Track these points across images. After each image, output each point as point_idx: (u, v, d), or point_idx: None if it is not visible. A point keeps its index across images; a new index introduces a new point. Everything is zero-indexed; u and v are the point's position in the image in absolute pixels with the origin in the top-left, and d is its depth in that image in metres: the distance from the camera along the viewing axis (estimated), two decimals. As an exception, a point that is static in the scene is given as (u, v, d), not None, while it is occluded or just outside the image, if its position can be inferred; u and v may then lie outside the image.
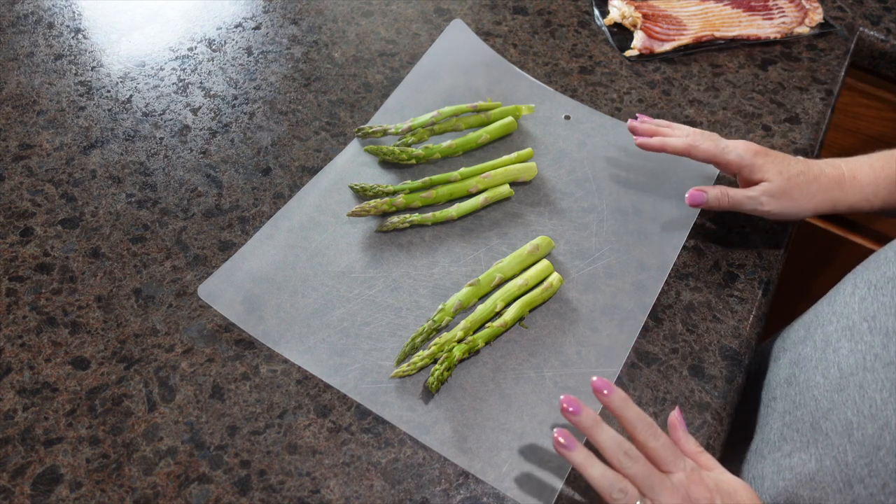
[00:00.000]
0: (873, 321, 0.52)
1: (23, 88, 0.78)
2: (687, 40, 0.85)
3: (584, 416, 0.51)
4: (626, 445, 0.50)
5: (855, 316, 0.55)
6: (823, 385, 0.54)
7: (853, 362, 0.52)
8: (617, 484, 0.49)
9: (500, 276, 0.63)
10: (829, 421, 0.52)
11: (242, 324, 0.61)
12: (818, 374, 0.56)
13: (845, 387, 0.52)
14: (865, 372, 0.51)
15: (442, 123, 0.74)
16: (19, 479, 0.52)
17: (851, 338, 0.54)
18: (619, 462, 0.49)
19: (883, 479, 0.47)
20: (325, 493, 0.53)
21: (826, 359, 0.56)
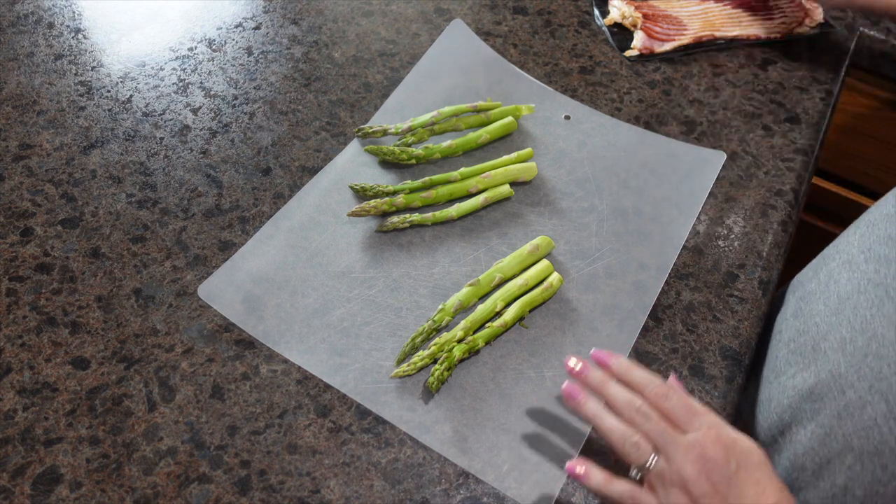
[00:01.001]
0: (869, 252, 0.57)
1: (23, 88, 0.78)
2: (687, 40, 0.85)
3: (592, 374, 0.51)
4: (637, 402, 0.50)
5: (854, 250, 0.59)
6: (824, 312, 0.59)
7: (850, 289, 0.57)
8: (630, 437, 0.49)
9: (500, 276, 0.63)
10: (826, 341, 0.57)
11: (242, 324, 0.61)
12: (820, 304, 0.60)
13: (842, 310, 0.57)
14: (859, 295, 0.56)
15: (442, 123, 0.74)
16: (19, 479, 0.52)
17: (850, 269, 0.58)
18: (633, 419, 0.49)
19: (869, 382, 0.51)
20: (325, 493, 0.53)
21: (828, 290, 0.60)
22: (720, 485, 0.47)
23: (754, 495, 0.47)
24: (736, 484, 0.47)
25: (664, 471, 0.48)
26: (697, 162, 0.74)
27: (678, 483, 0.47)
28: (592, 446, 0.55)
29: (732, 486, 0.47)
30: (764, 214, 0.70)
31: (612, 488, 0.50)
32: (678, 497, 0.47)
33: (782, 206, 0.71)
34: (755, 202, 0.71)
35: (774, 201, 0.72)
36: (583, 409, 0.51)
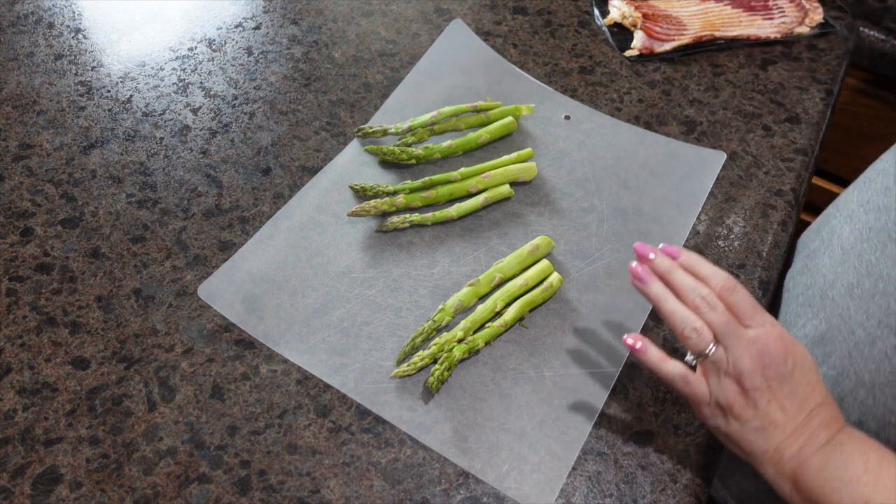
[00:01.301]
0: (868, 204, 0.60)
1: (23, 88, 0.78)
2: (687, 40, 0.85)
3: (660, 260, 0.52)
4: (704, 291, 0.50)
5: (853, 205, 0.63)
6: (829, 264, 0.63)
7: (852, 240, 0.61)
8: (692, 322, 0.50)
9: (500, 276, 0.63)
10: (834, 289, 0.60)
11: (242, 324, 0.61)
12: (825, 258, 0.64)
13: (847, 259, 0.60)
14: (862, 243, 0.59)
15: (442, 123, 0.74)
16: (19, 479, 0.52)
17: (851, 222, 0.62)
18: (697, 306, 0.50)
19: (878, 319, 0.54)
20: (325, 493, 0.53)
21: (832, 244, 0.64)
22: (774, 381, 0.48)
23: (804, 394, 0.49)
24: (789, 382, 0.48)
25: (721, 360, 0.49)
26: (697, 162, 0.74)
27: (733, 374, 0.49)
28: (593, 446, 0.56)
29: (785, 384, 0.48)
30: (764, 214, 0.70)
31: (665, 367, 0.51)
32: (730, 387, 0.49)
33: (782, 206, 0.71)
34: (755, 202, 0.71)
35: (774, 201, 0.72)
36: (647, 290, 0.52)
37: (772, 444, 0.49)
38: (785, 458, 0.49)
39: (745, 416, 0.49)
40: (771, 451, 0.49)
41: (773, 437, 0.49)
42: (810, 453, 0.48)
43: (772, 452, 0.49)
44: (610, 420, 0.57)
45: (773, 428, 0.49)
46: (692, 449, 0.56)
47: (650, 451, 0.55)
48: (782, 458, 0.49)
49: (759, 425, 0.49)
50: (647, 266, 0.52)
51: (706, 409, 0.51)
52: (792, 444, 0.49)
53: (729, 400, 0.49)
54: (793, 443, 0.49)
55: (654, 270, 0.52)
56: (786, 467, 0.49)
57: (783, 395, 0.49)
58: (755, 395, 0.48)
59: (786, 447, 0.49)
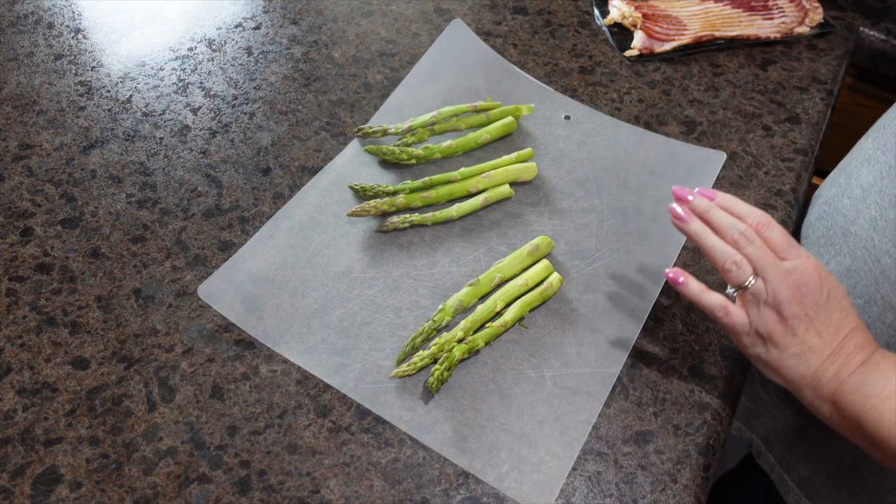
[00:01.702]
0: (885, 147, 0.62)
1: (23, 88, 0.78)
2: (687, 40, 0.85)
3: (698, 200, 0.55)
4: (742, 227, 0.53)
5: (869, 150, 0.64)
6: (849, 204, 0.64)
7: (872, 179, 0.62)
8: (731, 255, 0.52)
9: (500, 276, 0.63)
10: (856, 224, 0.62)
11: (242, 324, 0.61)
12: (844, 199, 0.65)
13: (867, 196, 0.62)
14: (883, 180, 0.60)
15: (442, 123, 0.74)
16: (19, 479, 0.52)
17: (868, 165, 0.63)
18: (736, 241, 0.53)
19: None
20: (325, 493, 0.53)
21: (850, 187, 0.65)
22: (811, 308, 0.51)
23: (838, 321, 0.52)
24: (825, 309, 0.51)
25: (760, 291, 0.52)
26: (697, 162, 0.74)
27: (772, 303, 0.51)
28: (593, 446, 0.56)
29: (821, 311, 0.51)
30: (764, 214, 0.70)
31: (706, 298, 0.54)
32: (770, 316, 0.52)
33: (782, 206, 0.71)
34: (755, 202, 0.71)
35: (774, 201, 0.72)
36: (687, 228, 0.54)
37: (810, 369, 0.52)
38: (823, 381, 0.51)
39: (785, 343, 0.52)
40: (809, 375, 0.52)
41: (811, 362, 0.52)
42: (847, 374, 0.51)
43: (810, 377, 0.52)
44: (610, 420, 0.57)
45: (811, 353, 0.51)
46: (692, 449, 0.56)
47: (650, 451, 0.55)
48: (820, 381, 0.52)
49: (798, 351, 0.52)
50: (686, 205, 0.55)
51: (746, 338, 0.53)
52: (829, 368, 0.51)
53: (769, 328, 0.52)
54: (830, 366, 0.51)
55: (693, 210, 0.55)
56: (824, 390, 0.51)
57: (819, 321, 0.51)
58: (794, 322, 0.51)
59: (823, 371, 0.51)
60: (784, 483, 0.73)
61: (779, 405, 0.71)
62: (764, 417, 0.74)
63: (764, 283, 0.52)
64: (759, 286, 0.52)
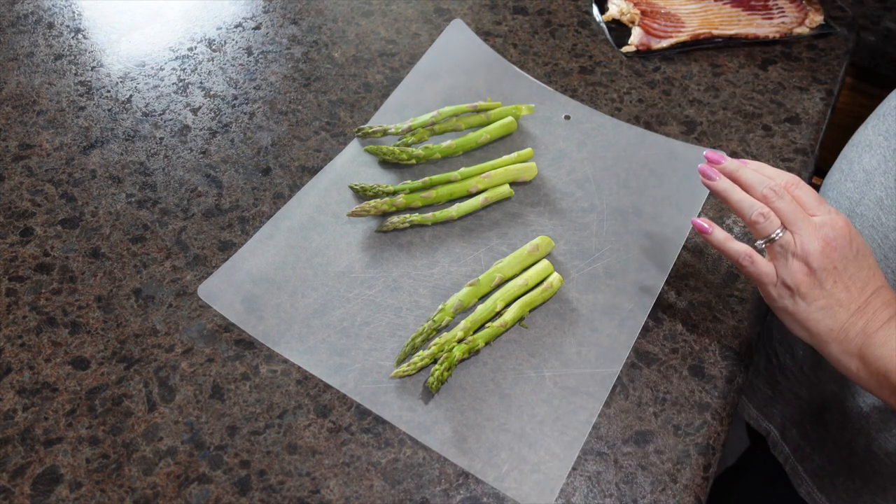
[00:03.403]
0: (887, 133, 0.63)
1: (23, 88, 0.78)
2: (685, 37, 0.85)
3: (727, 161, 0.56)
4: (772, 182, 0.54)
5: (870, 137, 0.65)
6: (853, 187, 0.65)
7: (875, 163, 0.63)
8: (758, 207, 0.54)
9: (500, 276, 0.63)
10: (861, 205, 0.63)
11: (242, 324, 0.61)
12: (847, 183, 0.66)
13: (871, 179, 0.63)
14: (887, 163, 0.61)
15: (442, 123, 0.74)
16: (19, 479, 0.52)
17: (870, 150, 0.64)
18: (765, 196, 0.54)
19: None
20: (325, 493, 0.53)
21: (852, 171, 0.66)
22: (839, 262, 0.52)
23: (866, 277, 0.52)
24: (853, 264, 0.52)
25: (789, 242, 0.53)
26: (697, 162, 0.74)
27: (801, 255, 0.52)
28: (593, 446, 0.56)
29: (849, 266, 0.52)
30: (764, 214, 0.70)
31: (731, 245, 0.55)
32: (798, 267, 0.52)
33: (782, 206, 0.71)
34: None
35: (774, 201, 0.72)
36: (715, 185, 0.56)
37: (837, 323, 0.52)
38: (850, 335, 0.52)
39: (812, 296, 0.52)
40: (837, 329, 0.52)
41: (839, 316, 0.52)
42: (875, 329, 0.51)
43: (837, 330, 0.52)
44: (610, 420, 0.57)
45: (839, 307, 0.52)
46: (692, 449, 0.56)
47: (650, 451, 0.55)
48: (847, 335, 0.52)
49: (825, 304, 0.52)
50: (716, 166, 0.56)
51: (773, 289, 0.54)
52: (856, 323, 0.52)
53: (796, 280, 0.52)
54: (857, 321, 0.52)
55: (723, 171, 0.56)
56: (851, 344, 0.52)
57: (847, 276, 0.52)
58: (822, 274, 0.52)
59: (850, 325, 0.52)
60: (797, 474, 0.73)
61: (796, 389, 0.72)
62: (781, 404, 0.75)
63: (793, 235, 0.52)
64: (787, 238, 0.53)
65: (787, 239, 0.53)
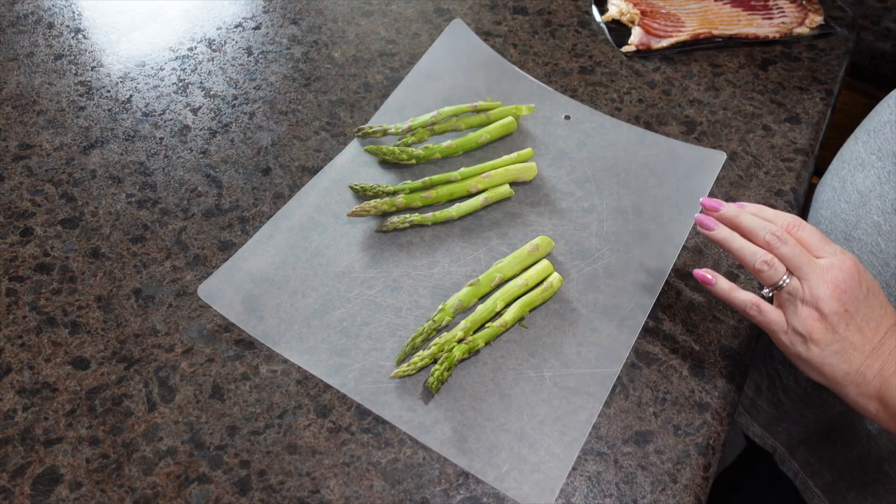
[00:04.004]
0: (880, 152, 0.62)
1: (23, 88, 0.78)
2: (684, 37, 0.85)
3: (726, 208, 0.55)
4: (773, 227, 0.53)
5: (862, 155, 0.64)
6: (847, 209, 0.64)
7: (869, 184, 0.62)
8: (761, 255, 0.53)
9: (500, 276, 0.63)
10: (858, 229, 0.62)
11: (242, 324, 0.61)
12: (841, 203, 0.65)
13: (867, 201, 0.62)
14: (882, 185, 0.60)
15: (442, 123, 0.74)
16: (19, 479, 0.52)
17: (863, 169, 0.63)
18: (768, 243, 0.53)
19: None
20: (325, 493, 0.53)
21: (845, 191, 0.65)
22: (850, 304, 0.51)
23: (878, 316, 0.51)
24: (865, 305, 0.51)
25: (797, 289, 0.52)
26: (697, 162, 0.74)
27: (811, 301, 0.51)
28: (593, 446, 0.56)
29: (861, 307, 0.51)
30: (764, 214, 0.70)
31: (737, 295, 0.54)
32: (809, 313, 0.51)
33: (782, 206, 0.71)
34: (755, 202, 0.71)
35: (774, 201, 0.72)
36: (714, 235, 0.55)
37: (853, 366, 0.51)
38: (867, 378, 0.51)
39: (826, 341, 0.51)
40: (853, 372, 0.51)
41: (854, 359, 0.51)
42: (893, 370, 0.50)
43: (854, 374, 0.51)
44: (610, 420, 0.57)
45: (853, 350, 0.51)
46: (692, 449, 0.56)
47: (650, 451, 0.55)
48: (864, 378, 0.51)
49: (839, 348, 0.51)
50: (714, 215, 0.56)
51: (784, 337, 0.53)
52: (872, 365, 0.51)
53: (808, 326, 0.51)
54: (873, 363, 0.51)
55: (722, 218, 0.55)
56: (869, 387, 0.51)
57: (860, 317, 0.51)
58: (833, 319, 0.51)
59: (867, 368, 0.51)
60: (808, 489, 0.72)
61: (801, 409, 0.71)
62: (786, 423, 0.74)
63: (800, 281, 0.51)
64: (794, 284, 0.52)
65: (794, 285, 0.52)
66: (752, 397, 0.76)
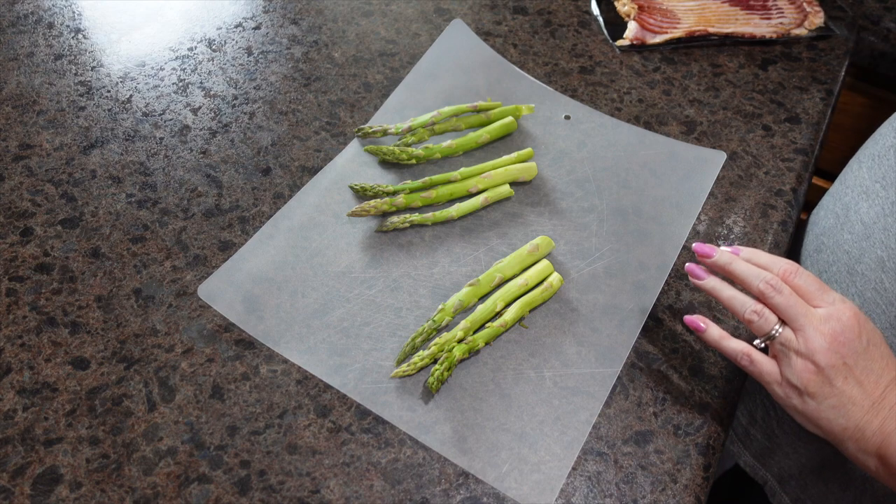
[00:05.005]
0: (884, 180, 0.59)
1: (23, 88, 0.78)
2: (680, 33, 0.85)
3: (719, 255, 0.54)
4: (767, 275, 0.51)
5: (866, 182, 0.62)
6: (851, 240, 0.61)
7: (874, 214, 0.60)
8: (751, 305, 0.51)
9: (500, 276, 0.63)
10: (862, 263, 0.59)
11: (242, 324, 0.61)
12: (844, 233, 0.62)
13: (871, 234, 0.59)
14: (886, 217, 0.58)
15: (442, 123, 0.74)
16: (19, 479, 0.52)
17: (868, 198, 0.61)
18: (762, 292, 0.51)
19: None
20: (325, 493, 0.53)
21: (849, 220, 0.62)
22: (849, 357, 0.48)
23: (879, 369, 0.49)
24: (864, 357, 0.49)
25: (790, 340, 0.50)
26: (697, 162, 0.74)
27: (805, 354, 0.49)
28: (593, 446, 0.56)
29: (860, 360, 0.49)
30: (764, 214, 0.70)
31: (728, 344, 0.53)
32: (803, 366, 0.49)
33: (782, 206, 0.71)
34: (755, 202, 0.71)
35: (774, 201, 0.72)
36: (704, 285, 0.54)
37: (851, 422, 0.49)
38: (867, 434, 0.49)
39: (822, 394, 0.49)
40: (851, 428, 0.49)
41: (853, 414, 0.49)
42: (893, 427, 0.48)
43: (852, 429, 0.49)
44: (610, 420, 0.57)
45: (851, 405, 0.49)
46: (692, 449, 0.56)
47: (650, 451, 0.55)
48: (864, 434, 0.49)
49: (837, 403, 0.49)
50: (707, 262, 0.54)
51: (779, 388, 0.51)
52: (872, 421, 0.49)
53: (803, 379, 0.49)
54: (873, 419, 0.49)
55: (715, 265, 0.54)
56: (869, 444, 0.49)
57: (859, 370, 0.49)
58: (830, 372, 0.48)
59: (866, 424, 0.49)
60: None
61: (794, 443, 0.69)
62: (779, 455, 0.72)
63: (795, 332, 0.49)
64: (787, 335, 0.50)
65: (787, 336, 0.50)
66: (746, 426, 0.74)
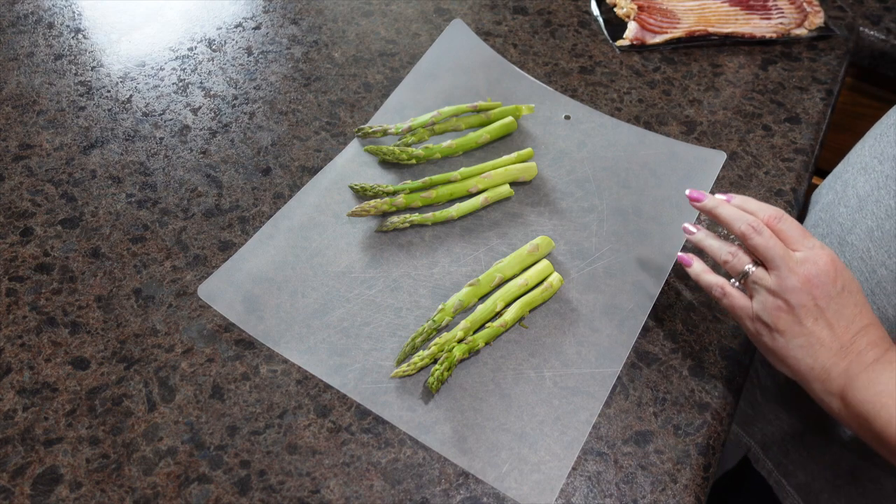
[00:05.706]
0: (882, 156, 0.61)
1: (23, 88, 0.78)
2: (680, 33, 0.85)
3: (708, 199, 0.57)
4: (749, 218, 0.53)
5: (866, 158, 0.63)
6: (845, 213, 0.63)
7: (868, 188, 0.61)
8: (727, 248, 0.55)
9: (500, 276, 0.63)
10: (852, 234, 0.61)
11: (242, 324, 0.61)
12: (840, 207, 0.64)
13: (864, 206, 0.61)
14: (879, 190, 0.60)
15: (442, 123, 0.74)
16: (19, 479, 0.52)
17: (865, 173, 0.63)
18: (743, 232, 0.53)
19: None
20: (325, 493, 0.53)
21: (846, 195, 0.64)
22: (821, 299, 0.50)
23: (851, 315, 0.50)
24: (838, 302, 0.50)
25: (762, 278, 0.52)
26: (697, 162, 0.74)
27: (777, 291, 0.51)
28: (593, 446, 0.56)
29: (832, 304, 0.50)
30: (764, 214, 0.70)
31: (705, 277, 0.56)
32: (773, 303, 0.51)
33: (782, 206, 0.71)
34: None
35: (774, 201, 0.72)
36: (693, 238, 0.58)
37: (818, 362, 0.51)
38: (833, 375, 0.50)
39: (791, 333, 0.51)
40: (818, 368, 0.51)
41: (820, 356, 0.51)
42: (858, 371, 0.49)
43: (819, 370, 0.51)
44: (610, 420, 0.57)
45: (819, 346, 0.50)
46: (692, 449, 0.56)
47: (650, 451, 0.55)
48: (829, 375, 0.50)
49: (805, 343, 0.51)
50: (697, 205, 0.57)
51: (750, 323, 0.54)
52: (839, 363, 0.50)
53: (773, 316, 0.51)
54: (839, 361, 0.50)
55: (703, 209, 0.57)
56: (834, 384, 0.50)
57: (831, 313, 0.50)
58: (801, 312, 0.50)
59: (833, 365, 0.50)
60: (782, 488, 0.72)
61: (777, 410, 0.71)
62: (761, 423, 0.74)
63: (770, 271, 0.52)
64: (760, 273, 0.52)
65: (760, 274, 0.52)
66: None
